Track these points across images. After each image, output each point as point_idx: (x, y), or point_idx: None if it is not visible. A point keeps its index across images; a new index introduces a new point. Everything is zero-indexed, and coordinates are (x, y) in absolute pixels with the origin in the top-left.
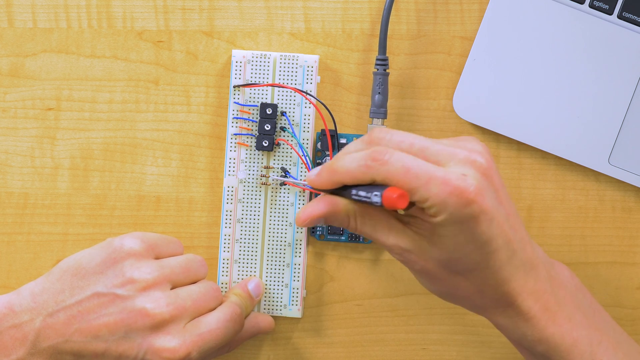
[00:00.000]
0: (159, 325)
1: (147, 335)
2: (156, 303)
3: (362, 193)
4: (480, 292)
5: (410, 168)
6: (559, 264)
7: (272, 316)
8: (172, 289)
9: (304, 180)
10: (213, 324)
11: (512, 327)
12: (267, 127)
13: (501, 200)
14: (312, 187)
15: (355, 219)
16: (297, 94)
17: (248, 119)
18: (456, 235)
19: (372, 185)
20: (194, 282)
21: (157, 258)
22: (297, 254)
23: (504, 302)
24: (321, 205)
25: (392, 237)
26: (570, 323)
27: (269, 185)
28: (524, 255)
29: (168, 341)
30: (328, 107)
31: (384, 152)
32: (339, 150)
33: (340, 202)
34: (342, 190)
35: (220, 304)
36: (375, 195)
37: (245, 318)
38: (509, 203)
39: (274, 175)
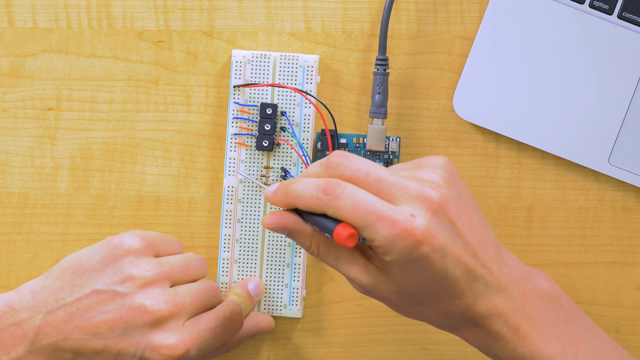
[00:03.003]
0: (157, 322)
1: (146, 332)
2: (155, 300)
3: (315, 223)
4: (445, 317)
5: (359, 205)
6: (535, 273)
7: (272, 316)
8: (171, 286)
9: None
10: (212, 321)
11: (484, 347)
12: (267, 127)
13: (459, 231)
14: (269, 202)
15: (318, 246)
16: (297, 93)
17: (248, 119)
18: (410, 272)
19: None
20: (194, 281)
21: (156, 256)
22: (297, 254)
23: (472, 324)
24: (290, 220)
25: (354, 270)
26: (544, 340)
27: (269, 185)
28: (489, 278)
29: (167, 338)
30: (328, 107)
31: (335, 185)
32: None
33: (307, 226)
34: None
35: (219, 303)
36: (328, 230)
37: (245, 318)
38: (472, 228)
39: (274, 176)
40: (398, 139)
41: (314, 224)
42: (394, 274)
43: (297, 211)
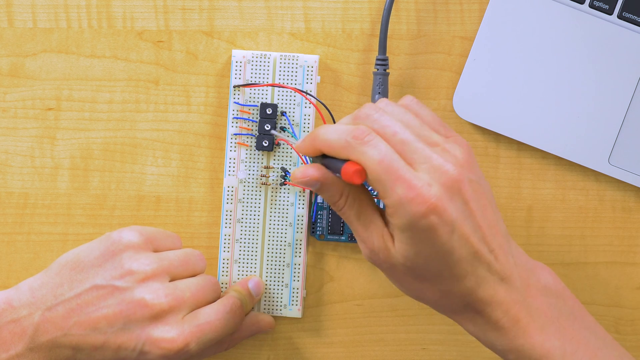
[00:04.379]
0: (157, 316)
1: (145, 326)
2: (155, 294)
3: (327, 164)
4: (447, 297)
5: (384, 159)
6: (541, 268)
7: (272, 316)
8: (170, 281)
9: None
10: (212, 315)
11: (481, 335)
12: (267, 127)
13: (472, 212)
14: (297, 151)
15: (346, 198)
16: (297, 94)
17: (248, 119)
18: (416, 243)
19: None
20: (193, 276)
21: (155, 251)
22: (297, 254)
23: (472, 310)
24: (321, 172)
25: (370, 230)
26: (543, 334)
27: (269, 185)
28: (495, 265)
29: (166, 332)
30: (328, 107)
31: (366, 132)
32: None
33: (338, 178)
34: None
35: (219, 297)
36: (337, 169)
37: (245, 316)
38: (485, 213)
39: (274, 176)
40: None
41: (326, 165)
42: (401, 242)
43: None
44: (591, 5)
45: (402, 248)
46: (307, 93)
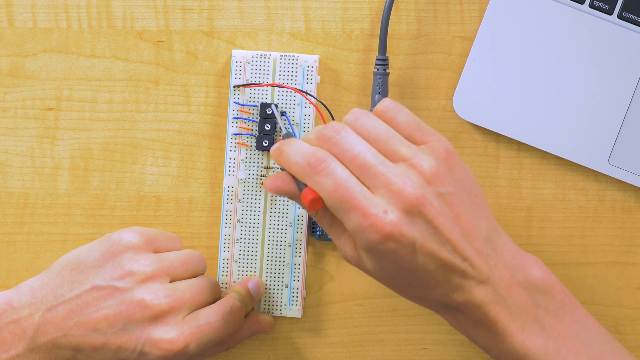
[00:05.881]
0: (157, 317)
1: (145, 326)
2: (155, 295)
3: (295, 180)
4: (422, 300)
5: (338, 188)
6: (531, 262)
7: (272, 316)
8: (170, 282)
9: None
10: (212, 316)
11: (464, 331)
12: (267, 127)
13: (437, 228)
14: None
15: (316, 210)
16: (297, 94)
17: (248, 119)
18: (379, 262)
19: None
20: (193, 277)
21: (155, 252)
22: (297, 254)
23: (452, 309)
24: (290, 186)
25: (342, 240)
26: (524, 333)
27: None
28: (470, 271)
29: (166, 332)
30: (328, 107)
31: (322, 159)
32: None
33: None
34: None
35: (219, 299)
36: (300, 189)
37: (244, 316)
38: (458, 223)
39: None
40: None
41: (294, 178)
42: (367, 258)
43: None
44: (591, 5)
45: (368, 262)
46: (307, 93)
